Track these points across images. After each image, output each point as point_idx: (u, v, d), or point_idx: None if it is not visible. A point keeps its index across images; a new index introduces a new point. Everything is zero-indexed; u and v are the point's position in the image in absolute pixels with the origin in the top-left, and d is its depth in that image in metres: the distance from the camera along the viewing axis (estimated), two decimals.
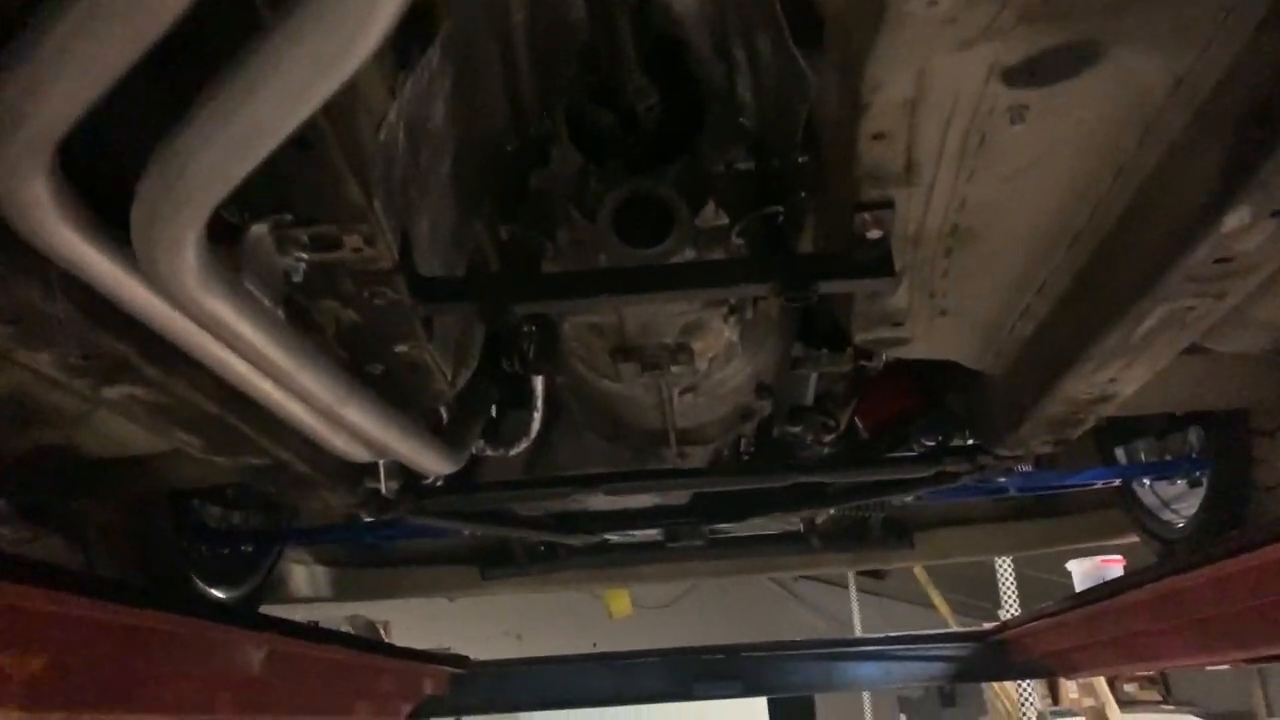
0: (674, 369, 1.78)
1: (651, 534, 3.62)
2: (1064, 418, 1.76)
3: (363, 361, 1.62)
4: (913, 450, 2.24)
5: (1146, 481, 2.89)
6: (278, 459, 1.74)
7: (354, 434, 1.66)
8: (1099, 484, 2.81)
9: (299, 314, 1.43)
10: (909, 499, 2.66)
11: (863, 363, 2.26)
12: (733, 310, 1.71)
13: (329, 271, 1.31)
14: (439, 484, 2.30)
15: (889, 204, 1.30)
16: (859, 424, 2.63)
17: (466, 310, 1.45)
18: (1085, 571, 3.98)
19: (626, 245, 1.44)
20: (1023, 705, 7.53)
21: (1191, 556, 2.26)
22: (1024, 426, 1.83)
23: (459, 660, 3.85)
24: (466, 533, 2.82)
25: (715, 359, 1.88)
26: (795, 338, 2.26)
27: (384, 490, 2.01)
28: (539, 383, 2.12)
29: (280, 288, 1.25)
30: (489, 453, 2.26)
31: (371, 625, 4.08)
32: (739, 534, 3.95)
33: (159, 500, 2.44)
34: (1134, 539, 3.31)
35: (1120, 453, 3.03)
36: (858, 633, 10.75)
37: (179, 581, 2.51)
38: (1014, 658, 3.63)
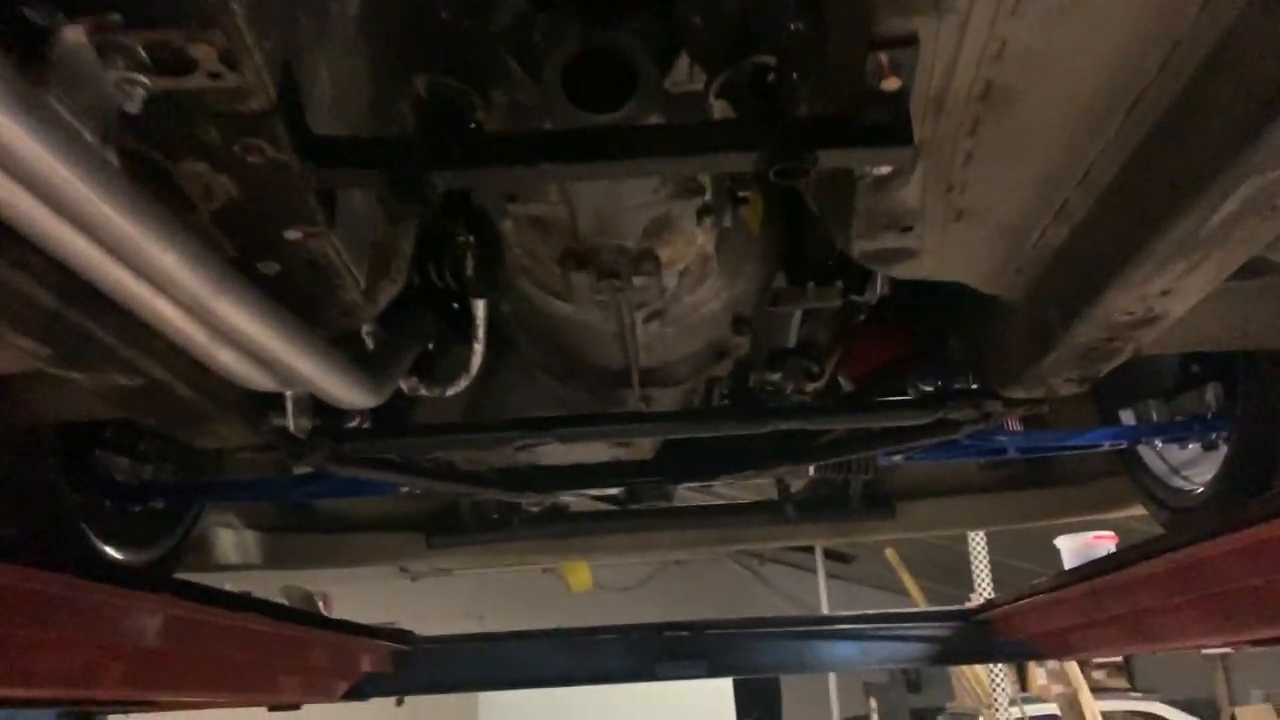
0: (637, 282, 1.49)
1: (613, 503, 3.36)
2: (1096, 346, 1.48)
3: (253, 256, 1.32)
4: (909, 396, 1.96)
5: (1158, 444, 2.64)
6: (152, 379, 1.43)
7: (242, 347, 1.35)
8: (1107, 445, 2.55)
9: (157, 176, 1.12)
10: (900, 458, 2.38)
11: (853, 298, 1.98)
12: (707, 210, 1.42)
13: (183, 110, 1.01)
14: (365, 426, 2.00)
15: (912, 40, 1.01)
16: (843, 379, 2.37)
17: (370, 181, 1.14)
18: (1075, 549, 3.73)
19: (578, 109, 1.15)
20: (994, 691, 7.34)
21: (1215, 523, 2.01)
22: (1047, 359, 1.55)
23: (403, 635, 3.56)
24: (404, 490, 2.51)
25: (686, 275, 1.59)
26: (778, 267, 1.97)
27: (292, 427, 1.70)
28: (481, 309, 1.82)
29: (110, 120, 0.95)
30: (423, 392, 1.96)
31: (308, 597, 3.76)
32: (708, 503, 3.68)
33: (42, 444, 2.11)
34: (1133, 512, 3.07)
35: (1126, 415, 2.77)
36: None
37: (66, 538, 2.18)
38: (1000, 638, 3.38)
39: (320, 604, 3.78)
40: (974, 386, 1.94)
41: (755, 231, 1.76)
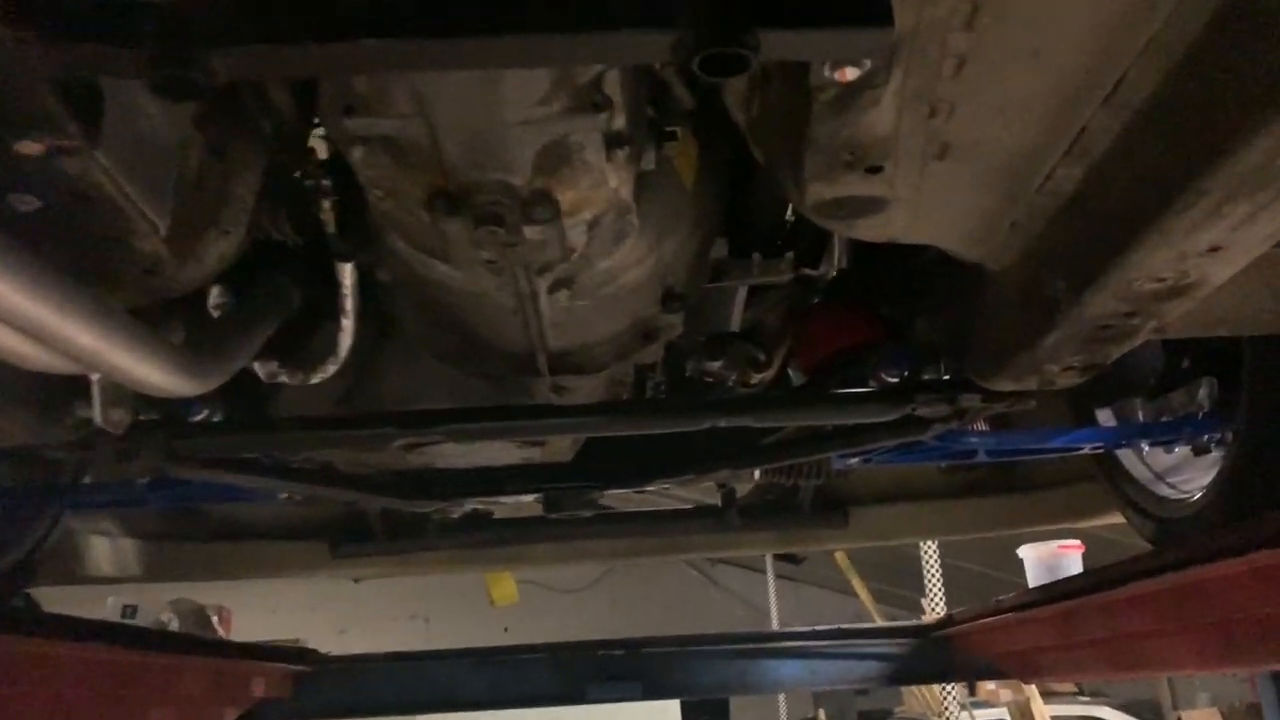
0: (529, 234, 1.15)
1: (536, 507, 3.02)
2: (1111, 324, 1.18)
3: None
4: (870, 389, 1.64)
5: (1144, 448, 2.36)
6: None
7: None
8: (1087, 449, 2.26)
9: None
10: (856, 461, 2.07)
11: (806, 272, 1.66)
12: (618, 140, 1.09)
13: None
14: (216, 420, 1.64)
15: None
16: (793, 370, 2.05)
17: (121, 64, 0.79)
18: (1040, 558, 3.46)
19: None
20: (944, 697, 7.12)
21: (1220, 541, 1.72)
22: (1045, 342, 1.25)
23: (303, 655, 3.19)
24: (284, 496, 2.15)
25: (598, 231, 1.25)
26: (717, 232, 1.65)
27: (99, 419, 1.34)
28: (348, 275, 1.47)
29: None
30: (284, 378, 1.61)
31: (201, 612, 3.38)
32: (646, 508, 3.35)
33: None
34: (1108, 520, 2.81)
35: (1104, 415, 2.50)
36: (774, 620, 10.36)
37: None
38: (960, 656, 3.10)
39: (215, 620, 3.41)
40: (946, 377, 1.63)
41: (688, 184, 1.43)
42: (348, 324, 1.50)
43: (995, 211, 1.16)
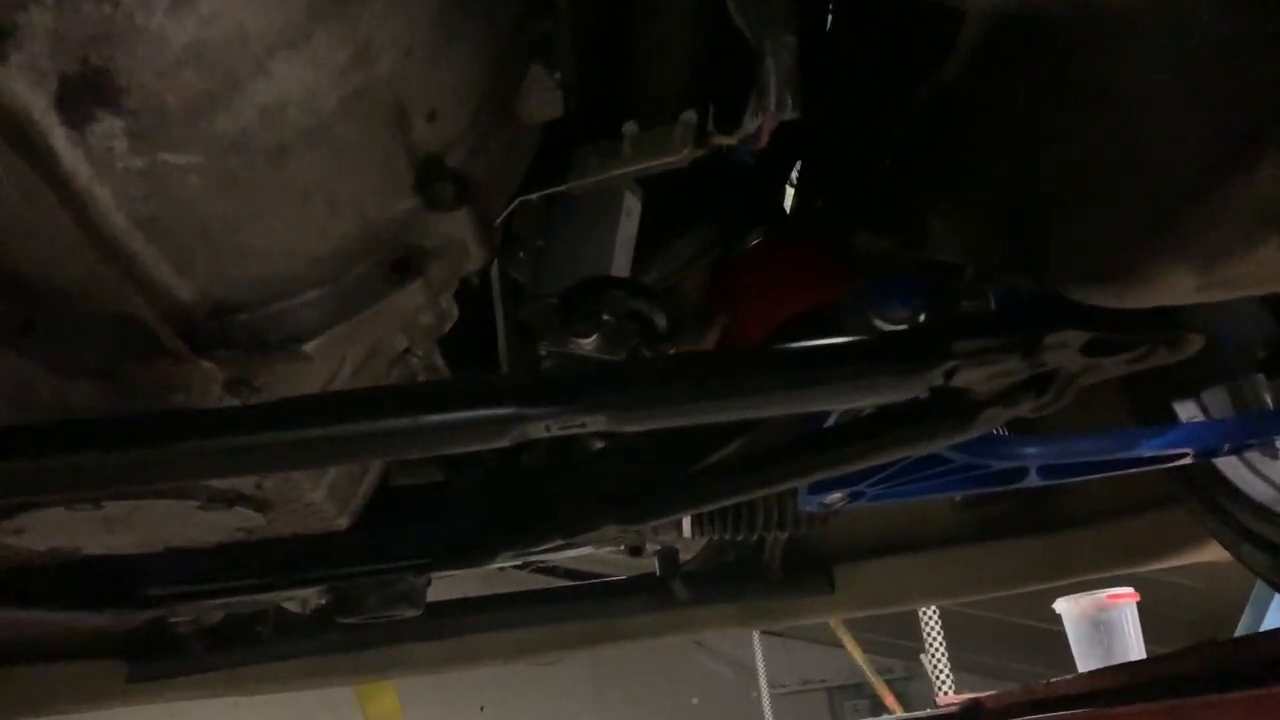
0: None
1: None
2: None
3: None
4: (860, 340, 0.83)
5: (1256, 455, 1.58)
6: None
7: None
8: (1190, 455, 1.47)
9: None
10: (837, 497, 1.25)
11: (715, 137, 0.88)
12: None
13: None
14: None
15: None
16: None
17: None
18: (1083, 614, 2.65)
19: None
20: None
21: None
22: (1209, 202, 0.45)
23: None
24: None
25: None
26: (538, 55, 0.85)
27: None
28: None
29: None
30: None
31: None
32: (564, 583, 2.51)
33: None
34: (1195, 558, 2.02)
35: (1186, 410, 1.72)
36: (762, 681, 9.47)
37: None
38: None
39: None
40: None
41: None
42: None
43: None
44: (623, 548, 1.54)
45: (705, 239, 1.15)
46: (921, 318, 0.84)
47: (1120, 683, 1.64)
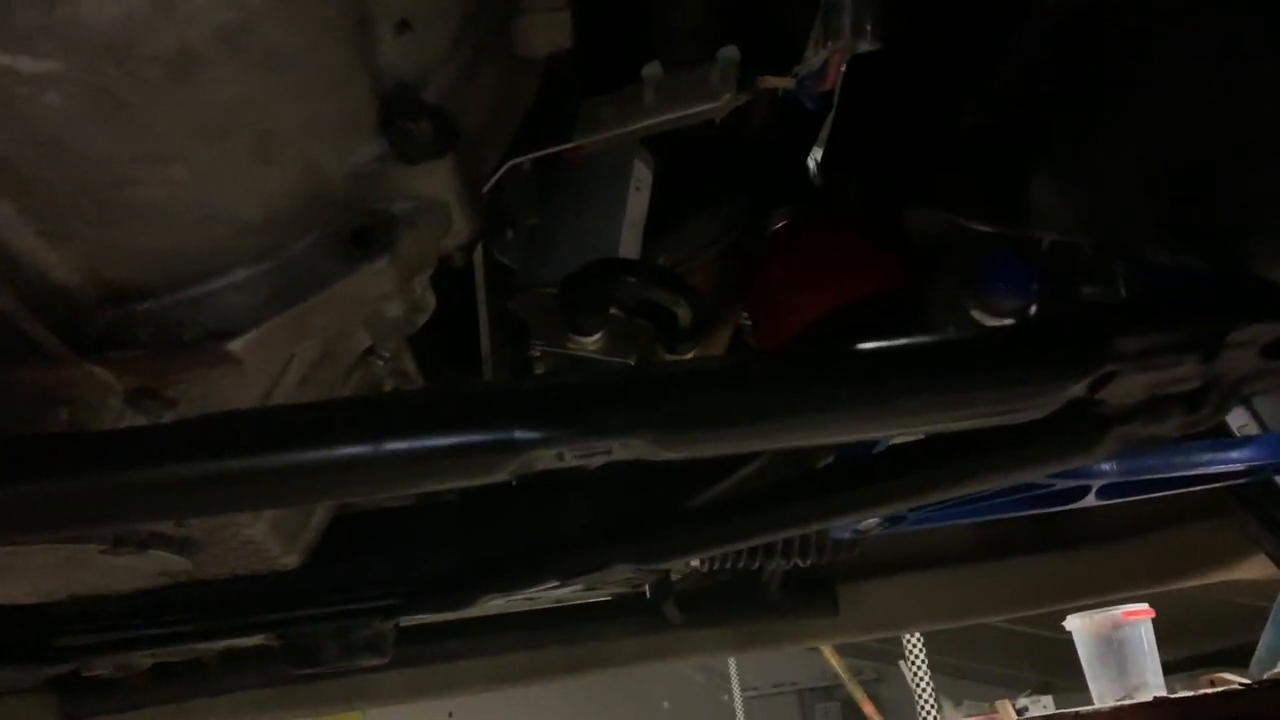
0: None
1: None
2: None
3: None
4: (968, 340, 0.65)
5: None
6: None
7: None
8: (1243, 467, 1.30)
9: None
10: (874, 522, 1.06)
11: (766, 80, 0.68)
12: None
13: None
14: None
15: None
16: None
17: None
18: (1096, 632, 2.50)
19: None
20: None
21: None
22: None
23: None
24: None
25: None
26: None
27: None
28: None
29: None
30: None
31: None
32: (543, 606, 2.32)
33: None
34: (1240, 575, 1.87)
35: (1238, 416, 1.56)
36: (735, 685, 9.28)
37: None
38: None
39: None
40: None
41: None
42: None
43: None
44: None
45: (730, 216, 0.97)
46: (1032, 309, 0.66)
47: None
